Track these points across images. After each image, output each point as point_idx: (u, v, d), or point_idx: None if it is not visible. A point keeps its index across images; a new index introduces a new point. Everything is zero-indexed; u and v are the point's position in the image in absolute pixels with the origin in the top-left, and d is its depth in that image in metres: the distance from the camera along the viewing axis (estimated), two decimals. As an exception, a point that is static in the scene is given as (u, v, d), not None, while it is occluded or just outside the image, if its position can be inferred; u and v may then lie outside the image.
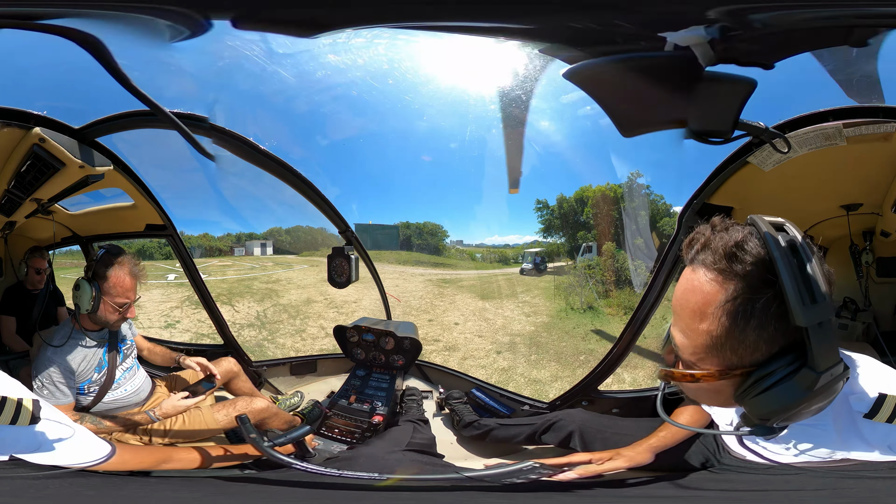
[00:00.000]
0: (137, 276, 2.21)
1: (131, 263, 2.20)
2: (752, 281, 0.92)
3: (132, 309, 2.21)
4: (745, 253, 0.92)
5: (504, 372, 3.31)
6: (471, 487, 1.72)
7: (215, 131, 2.29)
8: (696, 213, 2.27)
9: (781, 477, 1.70)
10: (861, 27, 1.63)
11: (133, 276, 2.19)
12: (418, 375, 3.03)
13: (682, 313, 1.00)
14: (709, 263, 0.96)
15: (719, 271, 0.94)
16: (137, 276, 2.21)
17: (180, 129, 2.07)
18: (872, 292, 2.40)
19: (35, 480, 1.59)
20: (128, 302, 2.18)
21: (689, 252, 1.01)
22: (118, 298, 2.15)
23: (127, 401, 2.27)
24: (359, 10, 1.81)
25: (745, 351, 0.95)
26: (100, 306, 2.14)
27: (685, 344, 1.01)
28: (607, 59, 1.75)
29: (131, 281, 2.18)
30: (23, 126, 2.05)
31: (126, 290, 2.17)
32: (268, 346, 3.66)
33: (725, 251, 0.94)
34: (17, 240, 2.85)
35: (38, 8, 1.66)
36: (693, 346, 0.99)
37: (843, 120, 1.85)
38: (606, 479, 1.80)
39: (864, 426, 1.13)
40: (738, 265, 0.93)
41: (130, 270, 2.19)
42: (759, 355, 0.95)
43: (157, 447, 2.12)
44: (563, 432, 2.16)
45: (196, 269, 3.03)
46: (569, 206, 3.20)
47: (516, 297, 3.69)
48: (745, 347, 0.95)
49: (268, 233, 3.76)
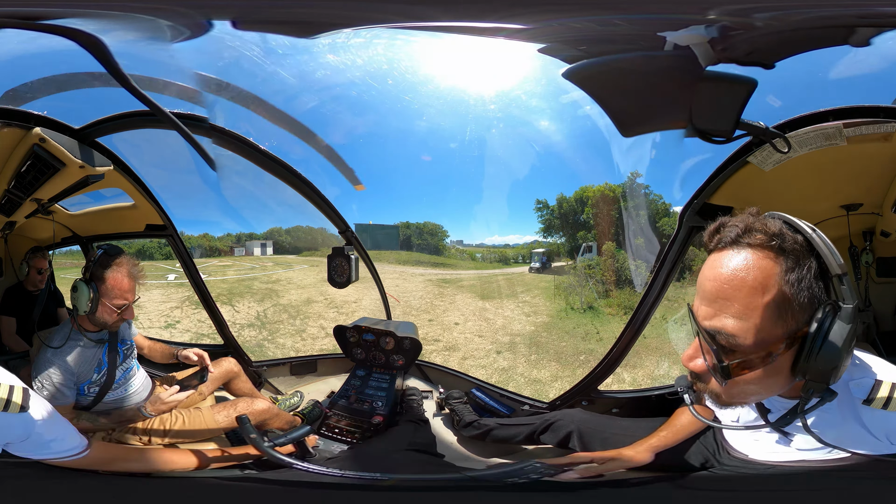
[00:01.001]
0: (136, 278, 2.18)
1: (130, 264, 2.18)
2: (797, 253, 1.10)
3: (131, 310, 2.19)
4: (788, 231, 1.11)
5: (504, 372, 3.31)
6: (472, 487, 1.72)
7: (215, 131, 2.30)
8: (697, 213, 2.27)
9: (781, 477, 1.71)
10: (861, 27, 1.63)
11: (131, 277, 2.16)
12: (418, 375, 3.03)
13: (738, 295, 1.08)
14: (760, 243, 1.10)
15: (772, 248, 1.09)
16: (136, 278, 2.18)
17: (180, 130, 2.07)
18: (872, 292, 2.40)
19: (33, 481, 1.59)
20: (126, 303, 2.16)
21: (723, 237, 1.13)
22: (116, 300, 2.13)
23: (127, 401, 2.27)
24: (358, 10, 1.81)
25: (802, 312, 1.10)
26: (98, 308, 2.12)
27: (745, 326, 1.09)
28: (607, 58, 1.76)
29: (129, 282, 2.16)
30: (23, 126, 2.05)
31: (124, 291, 2.15)
32: (268, 346, 3.66)
33: (777, 231, 1.10)
34: (17, 240, 2.85)
35: (38, 8, 1.66)
36: (757, 323, 1.08)
37: (843, 120, 1.85)
38: (607, 479, 1.80)
39: (864, 413, 1.20)
40: (787, 242, 1.10)
41: (129, 272, 2.16)
42: (807, 315, 1.10)
43: (135, 447, 2.10)
44: (562, 432, 2.16)
45: (196, 269, 3.03)
46: (569, 206, 3.20)
47: (516, 297, 3.69)
48: (801, 309, 1.09)
49: (268, 233, 3.75)
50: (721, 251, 1.13)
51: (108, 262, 2.15)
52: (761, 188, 2.17)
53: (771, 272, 1.08)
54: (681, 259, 2.37)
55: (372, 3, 1.80)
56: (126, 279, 2.15)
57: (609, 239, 3.16)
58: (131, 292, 2.17)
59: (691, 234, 2.32)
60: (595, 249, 3.27)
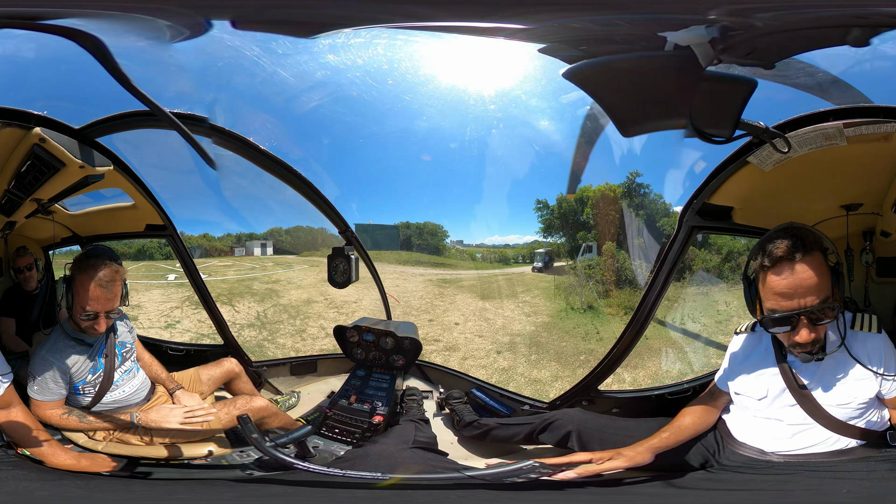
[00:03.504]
0: (106, 287, 1.99)
1: (104, 270, 2.00)
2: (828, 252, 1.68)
3: (101, 321, 2.03)
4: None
5: (504, 372, 3.31)
6: (474, 486, 1.72)
7: (215, 131, 2.30)
8: (697, 213, 2.27)
9: (780, 476, 1.72)
10: (861, 27, 1.63)
11: (100, 285, 1.98)
12: (418, 375, 3.03)
13: (801, 285, 1.62)
14: (814, 250, 1.64)
15: (821, 251, 1.66)
16: (106, 287, 1.99)
17: (180, 130, 2.07)
18: (872, 292, 2.40)
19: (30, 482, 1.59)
20: (94, 312, 2.00)
21: (779, 252, 1.62)
22: (85, 305, 1.99)
23: (125, 402, 2.27)
24: (358, 10, 1.81)
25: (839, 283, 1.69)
26: (73, 310, 2.03)
27: (817, 297, 1.63)
28: (607, 58, 1.76)
29: (97, 291, 1.98)
30: (23, 126, 2.05)
31: (90, 299, 1.98)
32: (268, 347, 3.66)
33: (818, 241, 1.66)
34: (18, 240, 2.85)
35: (39, 8, 1.66)
36: (822, 291, 1.63)
37: (843, 120, 1.85)
38: (607, 479, 1.80)
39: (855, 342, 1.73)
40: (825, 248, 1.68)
41: (99, 279, 1.98)
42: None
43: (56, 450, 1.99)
44: (561, 432, 2.16)
45: (196, 269, 3.03)
46: (569, 206, 3.20)
47: (516, 297, 3.69)
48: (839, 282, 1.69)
49: (268, 233, 3.75)
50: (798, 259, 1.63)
51: (82, 263, 2.01)
52: (761, 188, 2.17)
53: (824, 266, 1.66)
54: (681, 259, 2.37)
55: (372, 3, 1.80)
56: (93, 286, 1.96)
57: (609, 239, 3.16)
58: (99, 302, 1.99)
59: (691, 234, 2.32)
60: (595, 249, 3.27)
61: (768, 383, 1.81)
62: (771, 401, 1.81)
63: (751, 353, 1.90)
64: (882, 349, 1.74)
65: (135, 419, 2.16)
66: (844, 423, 1.73)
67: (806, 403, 1.74)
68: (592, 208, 3.12)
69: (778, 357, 1.81)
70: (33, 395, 2.06)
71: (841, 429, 1.73)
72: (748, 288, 1.77)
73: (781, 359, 1.80)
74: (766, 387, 1.81)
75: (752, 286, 1.74)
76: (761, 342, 1.89)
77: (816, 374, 1.75)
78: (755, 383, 1.84)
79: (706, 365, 2.78)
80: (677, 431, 1.93)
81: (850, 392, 1.72)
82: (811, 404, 1.74)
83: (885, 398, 1.73)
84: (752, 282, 1.74)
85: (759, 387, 1.83)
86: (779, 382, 1.79)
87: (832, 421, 1.73)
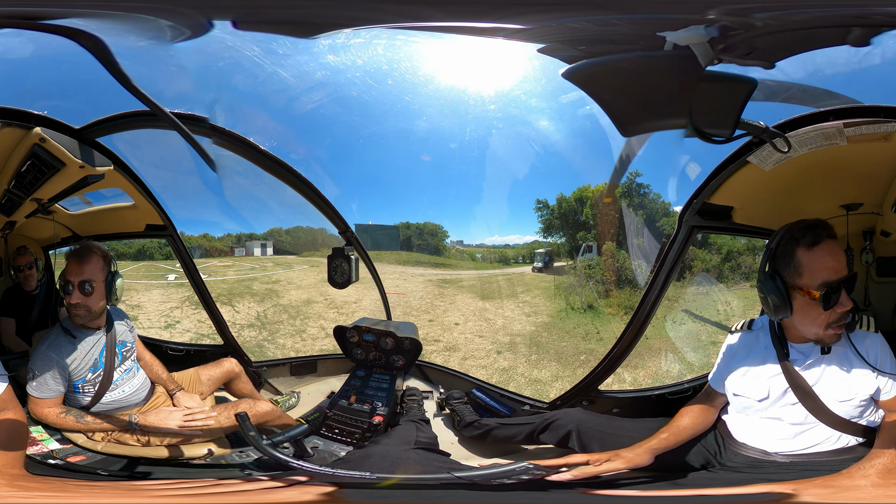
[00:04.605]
0: (78, 256, 2.19)
1: (80, 245, 2.23)
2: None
3: (74, 293, 2.16)
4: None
5: (504, 372, 3.31)
6: (474, 486, 1.72)
7: (215, 132, 2.30)
8: (697, 213, 2.27)
9: (780, 476, 1.71)
10: (861, 27, 1.63)
11: (73, 255, 2.20)
12: (419, 376, 3.03)
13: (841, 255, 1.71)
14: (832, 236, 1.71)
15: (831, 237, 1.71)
16: (78, 256, 2.19)
17: (180, 130, 2.07)
18: (872, 292, 2.40)
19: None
20: (66, 280, 2.17)
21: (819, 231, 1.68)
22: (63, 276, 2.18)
23: (125, 402, 2.27)
24: (358, 10, 1.81)
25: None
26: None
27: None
28: (607, 58, 1.76)
29: (70, 261, 2.19)
30: (23, 126, 2.05)
31: (67, 274, 2.18)
32: (268, 347, 3.66)
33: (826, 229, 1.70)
34: (18, 239, 2.85)
35: (39, 8, 1.66)
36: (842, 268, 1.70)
37: (843, 119, 1.85)
38: (606, 479, 1.80)
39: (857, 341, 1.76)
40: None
41: (73, 251, 2.22)
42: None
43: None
44: (561, 432, 2.16)
45: (196, 269, 3.03)
46: (568, 206, 3.21)
47: (516, 297, 3.69)
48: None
49: (268, 233, 3.76)
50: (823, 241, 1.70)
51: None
52: (761, 188, 2.17)
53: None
54: (681, 259, 2.37)
55: (372, 3, 1.80)
56: (69, 258, 2.20)
57: (609, 239, 3.16)
58: (72, 272, 2.18)
59: (691, 233, 2.32)
60: (595, 249, 3.27)
61: (769, 383, 1.80)
62: (773, 401, 1.80)
63: (749, 353, 1.89)
64: (879, 348, 1.75)
65: (133, 421, 2.16)
66: (846, 420, 1.73)
67: (808, 401, 1.74)
68: (592, 208, 3.12)
69: (780, 355, 1.80)
70: (31, 391, 2.06)
71: (843, 426, 1.73)
72: (773, 282, 1.70)
73: (783, 357, 1.79)
74: (767, 387, 1.80)
75: (780, 278, 1.69)
76: (759, 341, 1.88)
77: (818, 371, 1.76)
78: (755, 384, 1.83)
79: (706, 365, 2.78)
80: (676, 432, 1.92)
81: (852, 388, 1.73)
82: (814, 402, 1.74)
83: (880, 400, 1.74)
84: (779, 274, 1.70)
85: (759, 387, 1.82)
86: (781, 382, 1.79)
87: (834, 418, 1.73)
